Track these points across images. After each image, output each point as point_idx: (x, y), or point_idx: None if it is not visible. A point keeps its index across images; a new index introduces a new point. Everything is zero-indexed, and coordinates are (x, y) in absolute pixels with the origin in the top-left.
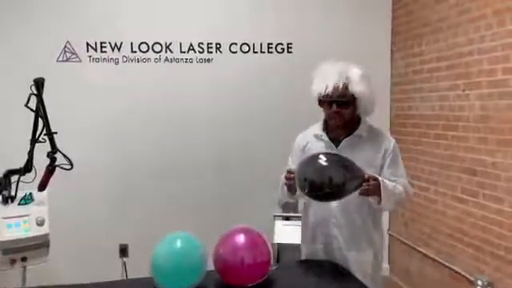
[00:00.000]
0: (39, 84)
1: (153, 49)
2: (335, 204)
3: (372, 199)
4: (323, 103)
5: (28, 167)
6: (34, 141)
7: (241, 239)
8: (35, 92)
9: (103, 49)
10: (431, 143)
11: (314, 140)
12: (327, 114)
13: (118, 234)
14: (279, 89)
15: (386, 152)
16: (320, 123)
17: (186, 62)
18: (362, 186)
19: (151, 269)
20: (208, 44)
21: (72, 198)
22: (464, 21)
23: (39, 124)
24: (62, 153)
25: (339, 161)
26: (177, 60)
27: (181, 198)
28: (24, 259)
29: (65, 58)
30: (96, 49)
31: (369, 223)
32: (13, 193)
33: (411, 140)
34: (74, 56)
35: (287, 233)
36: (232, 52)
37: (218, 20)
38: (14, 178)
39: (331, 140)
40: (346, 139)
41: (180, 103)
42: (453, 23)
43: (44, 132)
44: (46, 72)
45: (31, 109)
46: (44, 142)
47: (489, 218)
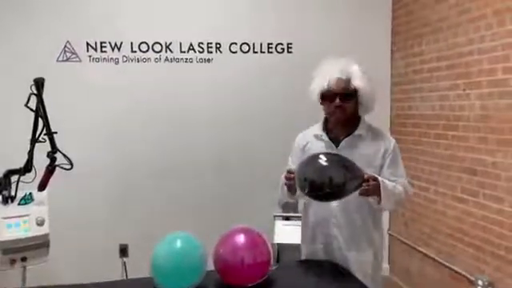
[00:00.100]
0: (39, 84)
1: (153, 49)
2: (335, 204)
3: (372, 199)
4: (325, 98)
5: (28, 167)
6: (34, 141)
7: (241, 239)
8: (35, 92)
9: (103, 49)
10: (431, 143)
11: (314, 140)
12: (329, 110)
13: (118, 234)
14: (279, 89)
15: (386, 152)
16: (320, 123)
17: (186, 62)
18: (362, 186)
19: (151, 269)
20: (208, 44)
21: (72, 198)
22: (464, 21)
23: (39, 124)
24: (62, 153)
25: (339, 161)
26: (177, 60)
27: (181, 198)
28: (24, 259)
29: (65, 58)
30: (96, 49)
31: (369, 223)
32: (13, 193)
33: (411, 140)
34: (74, 56)
35: (287, 233)
36: (232, 52)
37: (218, 20)
38: (14, 178)
39: (331, 140)
40: (346, 139)
41: (180, 103)
42: (453, 23)
43: (44, 132)
44: (46, 72)
45: (31, 109)
46: (44, 142)
47: (489, 218)
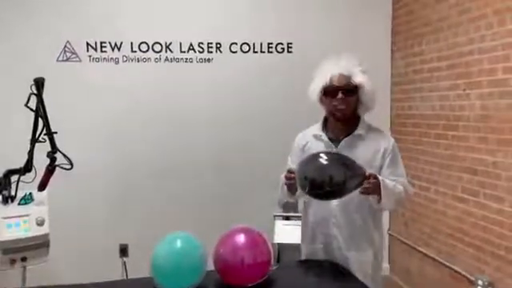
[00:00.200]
0: (39, 84)
1: (153, 48)
2: (335, 204)
3: (372, 198)
4: (327, 94)
5: (28, 167)
6: (34, 140)
7: (241, 239)
8: (35, 92)
9: (103, 48)
10: (431, 143)
11: (314, 140)
12: (332, 105)
13: (118, 234)
14: (279, 89)
15: (386, 152)
16: (319, 123)
17: (186, 62)
18: (363, 184)
19: (151, 269)
20: (208, 44)
21: (72, 198)
22: (464, 20)
23: (39, 124)
24: (62, 153)
25: (340, 159)
26: (177, 60)
27: (181, 198)
28: (24, 259)
29: (65, 58)
30: (96, 48)
31: (369, 223)
32: (13, 193)
33: (411, 140)
34: (74, 56)
35: (287, 233)
36: (232, 52)
37: (218, 20)
38: (14, 178)
39: (330, 140)
40: (346, 139)
41: (180, 103)
42: (453, 23)
43: (44, 132)
44: (46, 72)
45: (31, 108)
46: (44, 142)
47: (489, 218)
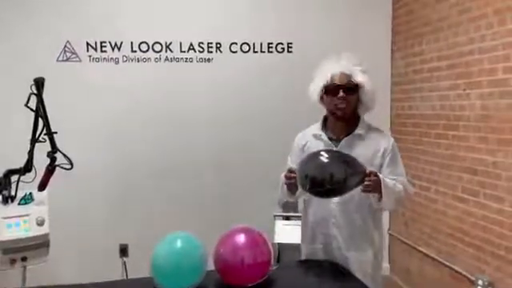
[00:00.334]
0: (39, 84)
1: (153, 48)
2: (335, 204)
3: (372, 197)
4: (328, 92)
5: (28, 167)
6: (34, 140)
7: (241, 239)
8: (35, 92)
9: (103, 48)
10: (432, 143)
11: (313, 140)
12: (332, 103)
13: (118, 234)
14: (279, 88)
15: (385, 151)
16: (319, 123)
17: (186, 62)
18: (365, 182)
19: (151, 269)
20: (208, 43)
21: (72, 198)
22: (464, 20)
23: (39, 124)
24: (62, 152)
25: (340, 157)
26: (177, 60)
27: (181, 198)
28: (24, 259)
29: (65, 58)
30: (96, 48)
31: (369, 223)
32: (13, 193)
33: (412, 140)
34: (74, 56)
35: (287, 232)
36: (232, 52)
37: (218, 20)
38: (14, 178)
39: (330, 139)
40: (346, 138)
41: (180, 103)
42: (453, 22)
43: (44, 132)
44: (46, 72)
45: (31, 108)
46: (44, 142)
47: (489, 218)
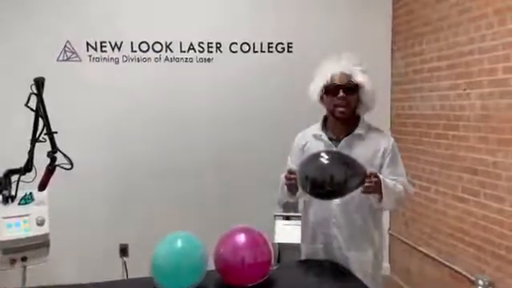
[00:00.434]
0: (39, 83)
1: (153, 48)
2: (335, 204)
3: (373, 197)
4: (328, 92)
5: (28, 167)
6: (34, 140)
7: (241, 239)
8: (35, 91)
9: (103, 48)
10: (432, 143)
11: (313, 140)
12: (332, 103)
13: (119, 234)
14: (279, 88)
15: (385, 151)
16: (319, 123)
17: (187, 62)
18: (365, 183)
19: (151, 269)
20: (208, 43)
21: (72, 198)
22: (465, 20)
23: (39, 123)
24: (63, 152)
25: (340, 158)
26: (177, 59)
27: (181, 198)
28: (24, 259)
29: (65, 58)
30: (96, 48)
31: (369, 223)
32: (13, 192)
33: (412, 139)
34: (74, 55)
35: (288, 232)
36: (232, 51)
37: (219, 19)
38: (14, 178)
39: (330, 140)
40: (346, 138)
41: (180, 103)
42: (453, 22)
43: (44, 131)
44: (46, 71)
45: (31, 108)
46: (44, 142)
47: (490, 218)
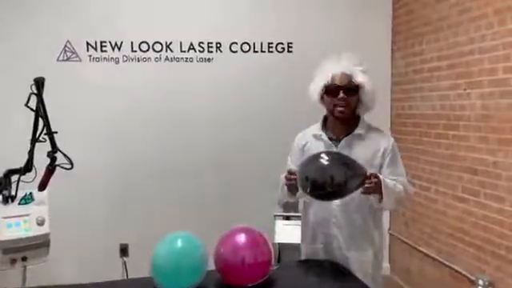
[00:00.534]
0: (39, 83)
1: (153, 48)
2: (336, 204)
3: (373, 197)
4: (329, 93)
5: (28, 167)
6: (35, 140)
7: (241, 239)
8: (35, 91)
9: (103, 48)
10: (432, 143)
11: (313, 140)
12: (332, 104)
13: (119, 234)
14: (279, 88)
15: (386, 151)
16: (319, 123)
17: (187, 62)
18: (365, 184)
19: (151, 268)
20: (208, 43)
21: (72, 198)
22: (465, 20)
23: (39, 123)
24: (63, 152)
25: (340, 159)
26: (177, 59)
27: (181, 198)
28: (24, 259)
29: (65, 58)
30: (96, 48)
31: (369, 223)
32: (13, 192)
33: (412, 139)
34: (74, 55)
35: (288, 232)
36: (232, 51)
37: (219, 19)
38: (14, 178)
39: (330, 139)
40: (346, 138)
41: (180, 103)
42: (453, 22)
43: (44, 131)
44: (46, 72)
45: (31, 108)
46: (44, 142)
47: (490, 218)
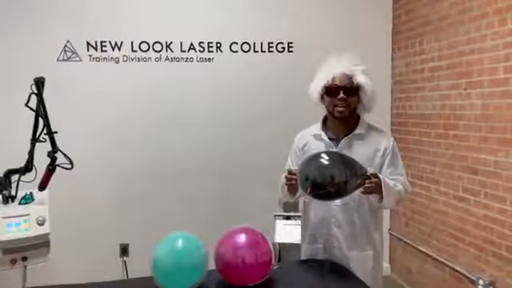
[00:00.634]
0: (39, 83)
1: (153, 48)
2: (336, 203)
3: (373, 197)
4: (329, 93)
5: (28, 167)
6: (35, 140)
7: (242, 239)
8: (35, 91)
9: (103, 48)
10: (432, 142)
11: (313, 140)
12: (333, 104)
13: (119, 234)
14: (280, 88)
15: (386, 150)
16: (319, 123)
17: (187, 61)
18: (365, 184)
19: (152, 268)
20: (208, 43)
21: (72, 198)
22: (465, 19)
23: (39, 123)
24: (63, 152)
25: (341, 159)
26: (177, 59)
27: (181, 198)
28: (24, 259)
29: (65, 58)
30: (96, 48)
31: (369, 222)
32: (13, 192)
33: (412, 139)
34: (74, 55)
35: (288, 232)
36: (232, 51)
37: (219, 19)
38: (15, 178)
39: (330, 139)
40: (346, 138)
41: (180, 102)
42: (454, 22)
43: (44, 131)
44: (46, 71)
45: (31, 108)
46: (44, 142)
47: (490, 217)
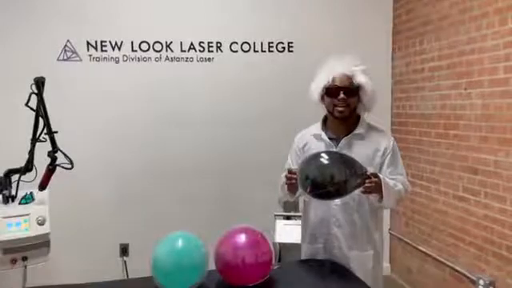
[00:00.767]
0: (40, 83)
1: (153, 48)
2: (336, 203)
3: (373, 197)
4: (329, 93)
5: (29, 166)
6: (35, 140)
7: (242, 239)
8: (36, 91)
9: (104, 48)
10: (432, 142)
11: (314, 140)
12: (333, 104)
13: (119, 234)
14: (280, 88)
15: (386, 150)
16: (319, 123)
17: (187, 61)
18: (365, 183)
19: (152, 268)
20: (208, 43)
21: (73, 198)
22: (465, 19)
23: (40, 123)
24: (63, 152)
25: (341, 158)
26: (177, 59)
27: (181, 198)
28: (25, 259)
29: (65, 57)
30: (96, 48)
31: (369, 222)
32: (13, 192)
33: (412, 139)
34: (75, 55)
35: (288, 232)
36: (233, 51)
37: (219, 19)
38: (15, 178)
39: (330, 139)
40: (346, 138)
41: (180, 102)
42: (454, 21)
43: (44, 131)
44: (46, 71)
45: (31, 108)
46: (45, 142)
47: (490, 217)
